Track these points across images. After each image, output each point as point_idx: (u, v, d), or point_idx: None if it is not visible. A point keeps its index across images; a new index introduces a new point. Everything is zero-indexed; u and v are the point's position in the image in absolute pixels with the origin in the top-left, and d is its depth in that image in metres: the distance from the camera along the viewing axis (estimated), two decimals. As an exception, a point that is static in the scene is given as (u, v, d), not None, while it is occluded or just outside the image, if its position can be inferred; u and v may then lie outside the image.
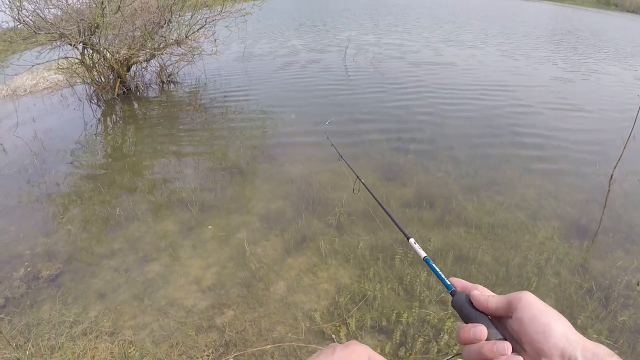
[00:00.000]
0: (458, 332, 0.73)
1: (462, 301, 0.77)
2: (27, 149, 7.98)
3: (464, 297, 0.77)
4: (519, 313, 0.69)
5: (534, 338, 0.66)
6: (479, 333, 0.70)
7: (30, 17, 9.36)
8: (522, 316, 0.68)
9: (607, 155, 7.39)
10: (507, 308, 0.71)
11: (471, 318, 0.74)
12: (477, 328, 0.71)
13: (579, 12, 49.66)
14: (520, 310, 0.69)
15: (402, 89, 11.58)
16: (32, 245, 5.26)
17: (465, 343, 0.72)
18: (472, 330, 0.71)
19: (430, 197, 6.13)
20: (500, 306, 0.72)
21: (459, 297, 0.78)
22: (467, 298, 0.77)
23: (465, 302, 0.77)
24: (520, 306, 0.69)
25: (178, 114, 10.11)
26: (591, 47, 20.91)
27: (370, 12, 34.41)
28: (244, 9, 12.09)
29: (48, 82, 13.37)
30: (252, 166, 7.25)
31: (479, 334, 0.70)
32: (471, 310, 0.75)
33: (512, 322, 0.70)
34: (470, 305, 0.76)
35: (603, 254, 5.06)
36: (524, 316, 0.68)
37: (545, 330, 0.65)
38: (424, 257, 0.96)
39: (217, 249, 5.10)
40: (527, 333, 0.67)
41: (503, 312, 0.72)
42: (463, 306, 0.77)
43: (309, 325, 3.95)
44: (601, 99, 11.48)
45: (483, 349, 0.68)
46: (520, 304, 0.69)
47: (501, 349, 0.67)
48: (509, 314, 0.71)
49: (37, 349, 3.75)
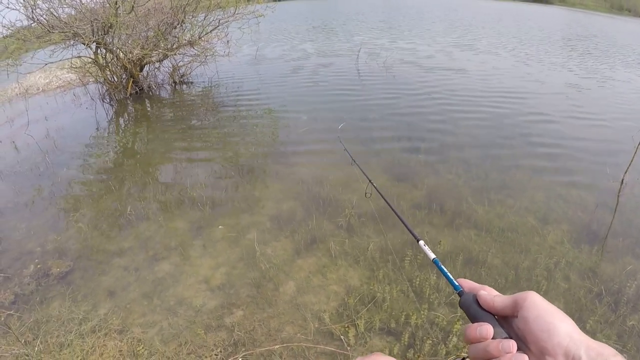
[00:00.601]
0: (465, 331, 0.75)
1: (470, 301, 0.78)
2: (38, 147, 8.05)
3: (471, 297, 0.79)
4: (525, 312, 0.69)
5: (539, 336, 0.66)
6: (485, 332, 0.71)
7: (44, 16, 9.44)
8: (527, 315, 0.69)
9: (618, 160, 7.32)
10: (513, 307, 0.72)
11: (478, 317, 0.75)
12: (483, 327, 0.72)
13: (592, 17, 49.38)
14: (525, 309, 0.69)
15: (414, 94, 11.55)
16: (43, 243, 5.30)
17: (471, 342, 0.73)
18: (478, 329, 0.72)
19: (440, 199, 6.12)
20: (506, 305, 0.73)
21: (467, 297, 0.79)
22: (474, 298, 0.78)
23: (473, 302, 0.78)
24: (526, 305, 0.70)
25: (190, 114, 10.17)
26: (604, 53, 20.77)
27: (383, 16, 34.40)
28: (257, 10, 12.14)
29: (61, 81, 13.49)
30: (263, 167, 7.27)
31: (484, 333, 0.71)
32: (478, 310, 0.76)
33: (517, 321, 0.71)
34: (477, 305, 0.77)
35: (613, 259, 5.02)
36: (529, 315, 0.69)
37: (550, 329, 0.66)
38: (433, 258, 0.98)
39: (227, 249, 5.11)
40: (531, 331, 0.68)
41: (509, 312, 0.73)
42: (470, 306, 0.78)
43: (318, 325, 3.94)
44: (613, 105, 11.38)
45: (489, 347, 0.70)
46: (526, 302, 0.70)
47: (507, 347, 0.68)
48: (514, 313, 0.72)
49: (45, 345, 3.78)
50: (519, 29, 28.73)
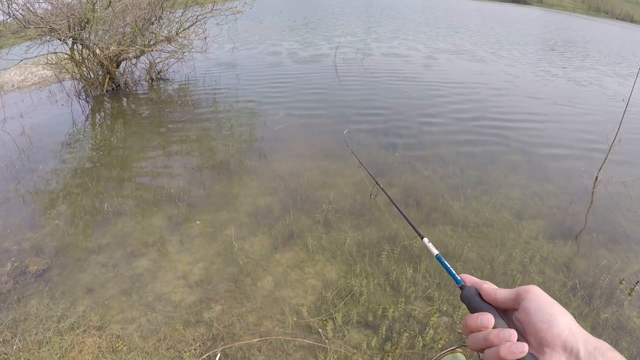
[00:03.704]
0: (464, 321, 0.77)
1: (472, 294, 0.81)
2: (14, 145, 7.93)
3: (473, 290, 0.81)
4: (526, 303, 0.72)
5: (538, 327, 0.69)
6: (486, 321, 0.73)
7: (21, 11, 9.29)
8: (529, 306, 0.71)
9: (593, 158, 7.48)
10: (514, 300, 0.74)
11: (479, 309, 0.78)
12: (485, 316, 0.74)
13: (569, 18, 50.11)
14: (527, 300, 0.72)
15: (391, 90, 11.68)
16: (20, 241, 5.24)
17: (471, 331, 0.75)
18: (479, 318, 0.74)
19: (416, 195, 6.19)
20: (508, 298, 0.75)
21: (468, 290, 0.82)
22: (476, 291, 0.81)
23: (475, 295, 0.80)
24: (529, 297, 0.72)
25: (167, 111, 10.10)
26: (579, 54, 21.15)
27: (362, 14, 34.49)
28: (235, 7, 12.08)
29: (36, 78, 13.29)
30: (240, 163, 7.27)
31: (485, 322, 0.73)
32: (480, 302, 0.79)
33: (518, 313, 0.74)
34: (479, 298, 0.80)
35: (587, 253, 5.14)
36: (531, 306, 0.71)
37: (550, 320, 0.68)
38: (436, 254, 0.99)
39: (205, 245, 5.12)
40: (532, 322, 0.70)
41: (510, 304, 0.75)
42: (472, 298, 0.80)
43: (296, 319, 3.98)
44: (588, 103, 11.62)
45: (489, 336, 0.71)
46: (529, 294, 0.72)
47: (507, 335, 0.70)
48: (515, 305, 0.74)
49: (24, 343, 3.75)
50: (501, 29, 29.03)
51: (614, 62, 19.18)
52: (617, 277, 4.72)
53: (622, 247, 5.28)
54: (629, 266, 4.93)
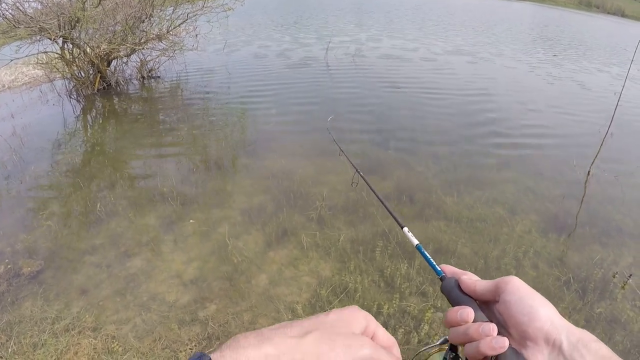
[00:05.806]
0: (445, 315, 0.75)
1: (451, 285, 0.79)
2: (5, 145, 7.87)
3: (453, 282, 0.79)
4: (506, 295, 0.70)
5: (519, 320, 0.67)
6: (466, 315, 0.71)
7: (10, 11, 9.22)
8: (508, 298, 0.69)
9: (585, 152, 7.51)
10: (494, 291, 0.72)
11: (459, 301, 0.76)
12: (464, 310, 0.72)
13: (559, 12, 50.23)
14: (507, 292, 0.70)
15: (383, 86, 11.68)
16: (12, 242, 5.21)
17: (452, 325, 0.74)
18: (459, 312, 0.72)
19: (410, 191, 6.21)
20: (488, 290, 0.73)
21: (448, 281, 0.80)
22: (455, 283, 0.79)
23: (454, 287, 0.78)
24: (508, 289, 0.70)
25: (159, 109, 10.07)
26: (572, 49, 21.22)
27: (354, 11, 34.45)
28: (226, 4, 12.03)
29: (27, 78, 13.19)
30: (232, 161, 7.27)
31: (465, 316, 0.71)
32: (459, 294, 0.77)
33: (498, 305, 0.72)
34: (459, 290, 0.78)
35: (580, 248, 5.17)
36: (511, 298, 0.69)
37: (531, 312, 0.67)
38: (417, 244, 0.97)
39: (198, 244, 5.11)
40: (512, 315, 0.68)
41: (490, 296, 0.73)
42: (452, 290, 0.78)
43: (291, 317, 3.98)
44: (581, 98, 11.67)
45: (469, 330, 0.70)
46: (508, 286, 0.70)
47: (487, 330, 0.68)
48: (496, 297, 0.72)
49: (19, 346, 3.73)
50: (494, 25, 29.08)
51: (606, 57, 19.27)
52: (610, 270, 4.75)
53: (615, 241, 5.32)
54: (622, 259, 4.96)
